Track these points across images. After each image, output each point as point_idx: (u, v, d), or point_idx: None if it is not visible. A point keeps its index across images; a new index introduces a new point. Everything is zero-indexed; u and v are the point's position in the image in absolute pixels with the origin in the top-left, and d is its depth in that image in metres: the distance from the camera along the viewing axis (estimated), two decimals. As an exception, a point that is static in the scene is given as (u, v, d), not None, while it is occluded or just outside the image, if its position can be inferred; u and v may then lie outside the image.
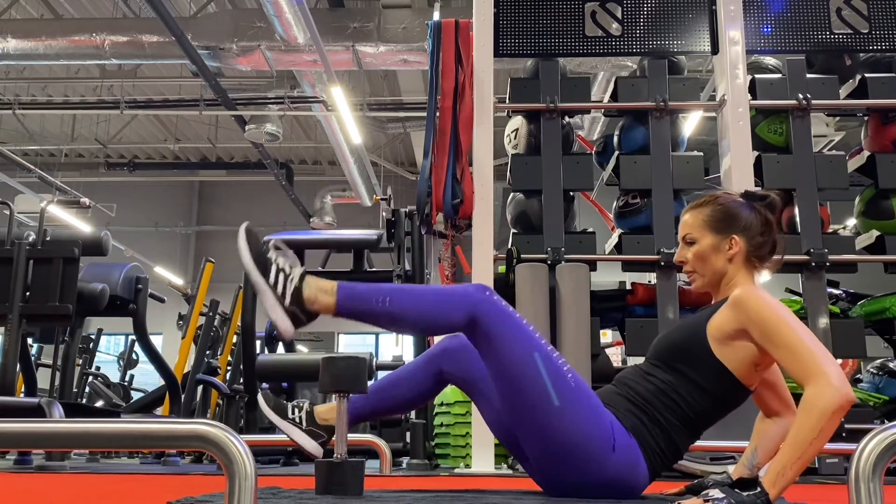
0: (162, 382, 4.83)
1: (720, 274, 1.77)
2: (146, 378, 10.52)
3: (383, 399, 1.90)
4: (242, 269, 4.22)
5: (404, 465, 3.81)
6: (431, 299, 1.73)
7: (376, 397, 1.89)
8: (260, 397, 1.86)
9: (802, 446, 1.41)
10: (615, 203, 4.16)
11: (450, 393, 4.68)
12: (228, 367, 6.39)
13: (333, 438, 1.78)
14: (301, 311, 1.70)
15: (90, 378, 7.62)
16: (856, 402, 1.48)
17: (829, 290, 3.77)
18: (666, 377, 1.72)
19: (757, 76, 4.09)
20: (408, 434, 3.81)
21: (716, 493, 1.45)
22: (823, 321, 3.61)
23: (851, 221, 4.34)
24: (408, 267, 4.23)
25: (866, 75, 4.08)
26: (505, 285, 3.78)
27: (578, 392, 1.68)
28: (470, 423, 3.75)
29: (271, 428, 5.23)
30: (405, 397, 1.91)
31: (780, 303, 1.66)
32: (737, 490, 1.46)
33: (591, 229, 4.16)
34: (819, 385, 1.46)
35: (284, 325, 1.70)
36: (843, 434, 3.21)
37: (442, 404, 4.68)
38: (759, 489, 1.43)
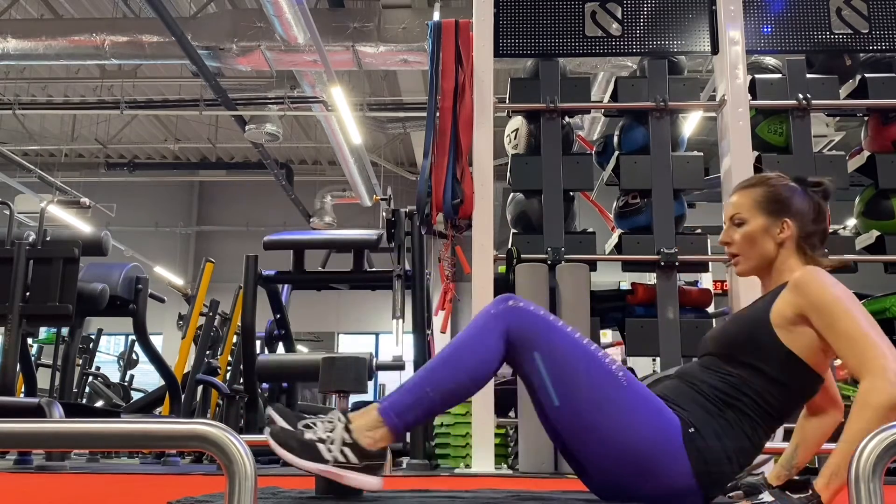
0: (162, 382, 4.83)
1: (768, 259, 1.68)
2: (146, 378, 10.51)
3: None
4: (242, 268, 4.19)
5: (404, 465, 3.81)
6: (463, 351, 1.59)
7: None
8: (271, 440, 1.58)
9: (858, 444, 1.29)
10: (615, 203, 4.16)
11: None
12: (228, 367, 6.39)
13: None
14: (375, 459, 1.57)
15: (90, 378, 7.63)
16: None
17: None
18: (737, 371, 1.59)
19: (757, 76, 4.09)
20: (408, 434, 3.81)
21: (765, 495, 1.39)
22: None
23: (851, 221, 4.34)
24: (408, 267, 4.23)
25: (866, 75, 4.08)
26: (505, 285, 3.78)
27: (630, 391, 1.55)
28: (470, 423, 3.75)
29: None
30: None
31: (843, 286, 1.56)
32: (787, 493, 1.39)
33: (591, 229, 4.16)
34: (874, 379, 1.39)
35: (373, 483, 1.57)
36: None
37: (442, 404, 4.67)
38: (810, 492, 1.37)
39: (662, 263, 3.84)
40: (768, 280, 1.71)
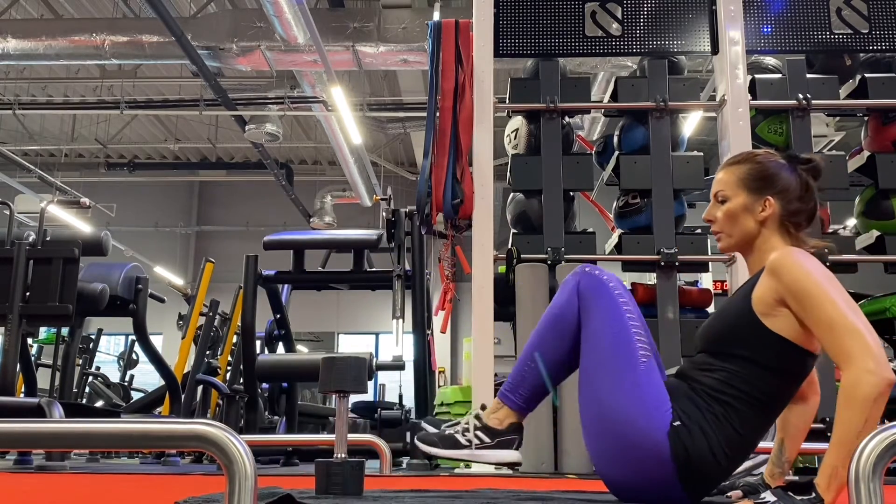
0: (162, 382, 4.83)
1: (750, 236, 1.67)
2: (146, 378, 10.51)
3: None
4: (242, 268, 4.19)
5: (404, 465, 3.81)
6: (548, 317, 1.78)
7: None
8: (418, 441, 1.86)
9: (850, 442, 1.30)
10: (615, 203, 4.16)
11: (450, 393, 4.68)
12: (228, 367, 6.39)
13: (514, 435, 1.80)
14: (505, 435, 1.78)
15: (90, 378, 7.63)
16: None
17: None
18: (728, 365, 1.58)
19: (757, 76, 4.09)
20: (408, 434, 3.81)
21: (767, 495, 1.38)
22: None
23: (851, 221, 4.34)
24: (408, 267, 4.23)
25: (866, 75, 4.08)
26: (505, 285, 3.78)
27: (642, 374, 1.60)
28: (470, 423, 3.75)
29: (271, 428, 5.23)
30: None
31: (822, 267, 1.53)
32: (790, 493, 1.37)
33: (591, 229, 4.16)
34: (856, 370, 1.37)
35: (510, 456, 1.79)
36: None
37: (442, 404, 4.68)
38: (813, 494, 1.35)
39: (662, 263, 3.84)
40: (752, 259, 1.70)
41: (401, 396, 7.25)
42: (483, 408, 1.85)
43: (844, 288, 1.52)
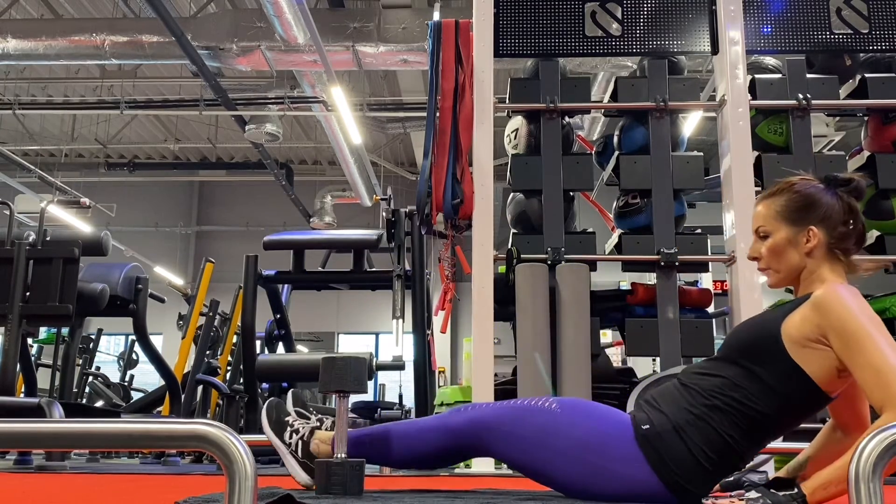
0: (162, 382, 4.83)
1: (797, 269, 1.60)
2: (146, 378, 10.51)
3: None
4: (242, 268, 4.19)
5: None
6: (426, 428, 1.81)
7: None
8: (263, 410, 1.94)
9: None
10: (615, 203, 4.16)
11: (449, 393, 4.68)
12: (228, 367, 6.39)
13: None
14: (312, 460, 1.84)
15: (90, 378, 7.63)
16: None
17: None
18: (730, 373, 1.56)
19: (757, 76, 4.09)
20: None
21: (751, 493, 1.37)
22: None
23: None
24: (408, 267, 4.23)
25: (866, 75, 4.08)
26: (505, 285, 3.78)
27: (564, 413, 1.64)
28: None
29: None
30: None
31: (867, 306, 1.49)
32: (772, 490, 1.37)
33: (591, 229, 4.16)
34: None
35: (299, 476, 1.87)
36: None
37: (442, 404, 4.68)
38: (796, 491, 1.35)
39: (662, 263, 3.84)
40: (800, 289, 1.64)
41: (401, 396, 7.25)
42: (320, 423, 1.92)
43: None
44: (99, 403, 7.43)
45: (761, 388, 1.53)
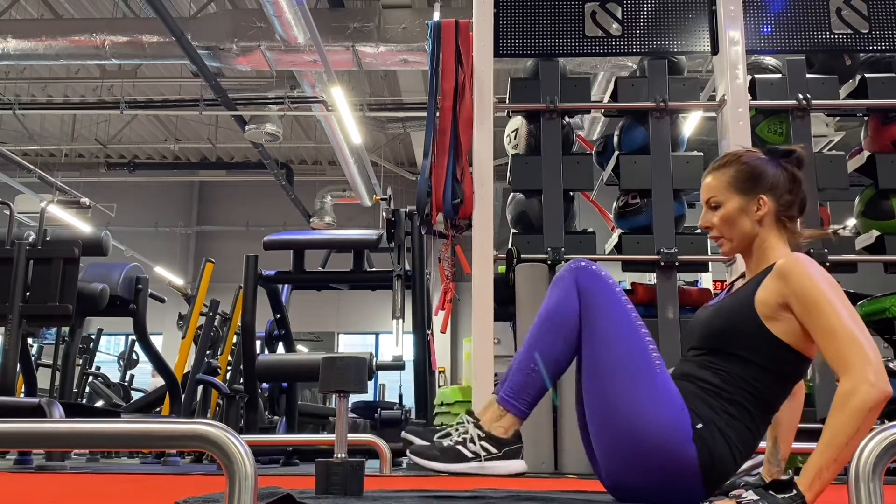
0: (162, 382, 4.83)
1: (750, 237, 1.67)
2: (146, 378, 10.51)
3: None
4: (242, 268, 4.17)
5: (404, 465, 3.81)
6: (551, 318, 1.70)
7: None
8: (415, 457, 1.79)
9: (839, 447, 1.34)
10: (615, 203, 4.16)
11: (449, 393, 4.68)
12: (228, 367, 6.39)
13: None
14: (511, 445, 1.72)
15: (90, 378, 7.63)
16: (893, 396, 1.42)
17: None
18: (728, 365, 1.59)
19: (757, 76, 4.09)
20: (404, 430, 3.80)
21: (749, 494, 1.38)
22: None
23: (851, 221, 4.34)
24: (408, 267, 4.23)
25: (866, 75, 4.08)
26: (505, 285, 3.78)
27: (660, 379, 1.58)
28: (470, 423, 3.75)
29: (271, 428, 5.23)
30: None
31: (828, 276, 1.54)
32: (771, 492, 1.38)
33: (591, 229, 4.16)
34: (854, 379, 1.38)
35: (519, 467, 1.74)
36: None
37: (442, 404, 4.68)
38: (794, 492, 1.36)
39: (662, 263, 3.84)
40: (751, 259, 1.70)
41: (401, 396, 7.24)
42: (471, 414, 1.78)
43: (844, 288, 1.52)
44: (99, 403, 7.43)
45: (759, 370, 1.58)
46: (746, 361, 1.58)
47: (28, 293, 3.61)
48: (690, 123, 8.02)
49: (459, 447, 1.73)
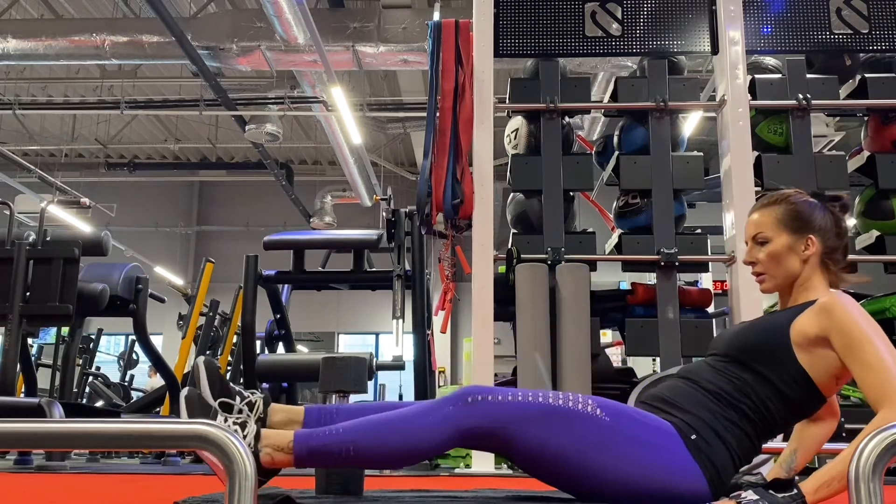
0: (162, 382, 4.83)
1: (793, 276, 1.68)
2: (146, 378, 10.52)
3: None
4: (242, 268, 4.17)
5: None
6: (406, 435, 1.51)
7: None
8: (183, 407, 1.54)
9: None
10: (615, 203, 4.16)
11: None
12: (229, 367, 6.39)
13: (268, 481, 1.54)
14: (261, 475, 1.52)
15: (90, 378, 7.63)
16: None
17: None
18: (743, 375, 1.60)
19: (757, 76, 4.09)
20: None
21: (749, 494, 1.38)
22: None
23: (851, 221, 4.34)
24: (408, 267, 4.23)
25: (866, 75, 4.08)
26: (505, 285, 3.78)
27: (617, 424, 1.52)
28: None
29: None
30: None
31: (868, 315, 1.57)
32: (771, 491, 1.38)
33: (591, 229, 4.16)
34: (893, 411, 1.40)
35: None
36: (843, 434, 3.21)
37: (442, 404, 4.66)
38: (795, 491, 1.36)
39: (662, 263, 3.84)
40: (788, 296, 1.71)
41: (401, 396, 7.24)
42: (267, 405, 1.61)
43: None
44: (99, 403, 7.43)
45: (773, 391, 1.59)
46: (765, 379, 1.59)
47: (28, 293, 3.61)
48: (690, 123, 8.02)
49: (231, 420, 1.55)
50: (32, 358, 4.71)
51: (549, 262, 3.80)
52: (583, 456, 1.50)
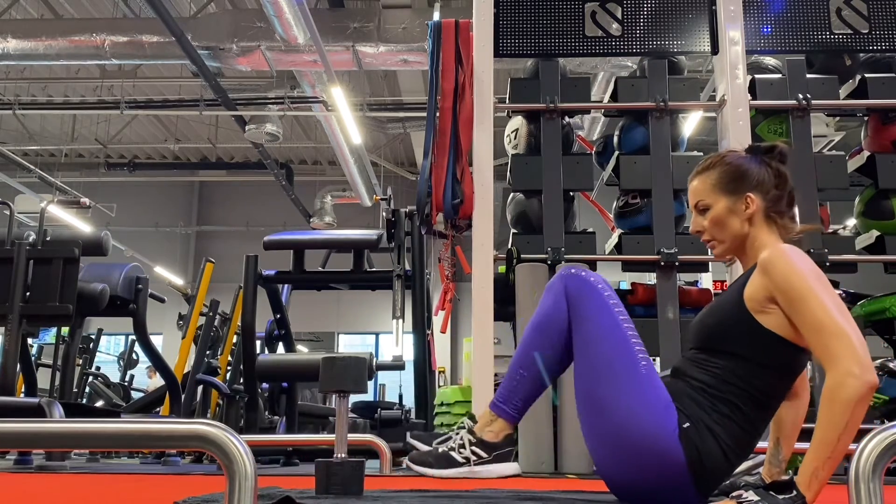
0: (162, 382, 4.83)
1: (741, 237, 1.67)
2: (146, 378, 10.52)
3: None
4: (242, 268, 4.19)
5: (404, 465, 3.81)
6: (538, 325, 1.77)
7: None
8: (411, 463, 1.93)
9: (831, 444, 1.33)
10: (615, 203, 4.16)
11: (450, 393, 4.68)
12: (228, 367, 6.39)
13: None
14: (501, 448, 1.83)
15: (90, 378, 7.63)
16: (878, 386, 1.40)
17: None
18: (719, 362, 1.59)
19: (757, 76, 4.09)
20: (408, 434, 3.80)
21: (750, 494, 1.36)
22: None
23: (851, 221, 4.34)
24: (408, 267, 4.23)
25: (866, 75, 4.08)
26: (505, 285, 3.78)
27: (645, 379, 1.60)
28: (470, 423, 3.75)
29: (271, 428, 5.23)
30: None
31: (813, 265, 1.52)
32: (772, 493, 1.37)
33: (591, 229, 4.16)
34: (839, 373, 1.36)
35: (510, 469, 1.86)
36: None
37: (442, 404, 4.68)
38: (794, 492, 1.35)
39: (662, 263, 3.84)
40: (745, 258, 1.71)
41: (401, 396, 7.24)
42: (472, 418, 1.86)
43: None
44: (99, 403, 7.43)
45: (753, 366, 1.57)
46: (740, 358, 1.57)
47: (28, 293, 3.60)
48: (690, 123, 8.02)
49: (452, 453, 1.85)
50: (32, 358, 4.71)
51: (549, 262, 3.80)
52: (607, 366, 1.62)
